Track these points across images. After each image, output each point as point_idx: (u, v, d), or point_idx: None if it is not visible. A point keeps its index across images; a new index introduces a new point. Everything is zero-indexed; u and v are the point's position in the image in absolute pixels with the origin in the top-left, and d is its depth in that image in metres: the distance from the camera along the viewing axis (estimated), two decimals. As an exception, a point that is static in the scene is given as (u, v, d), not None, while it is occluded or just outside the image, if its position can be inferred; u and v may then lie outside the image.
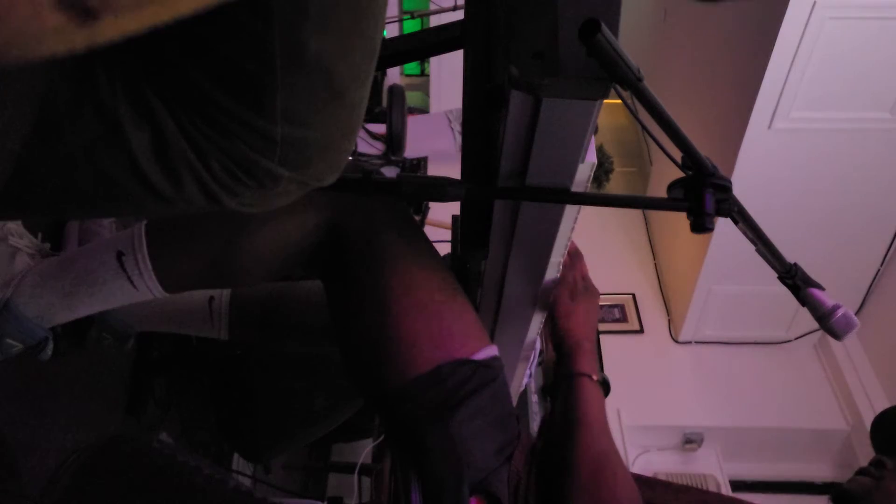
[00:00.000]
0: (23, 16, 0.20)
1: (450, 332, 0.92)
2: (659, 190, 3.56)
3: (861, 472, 1.05)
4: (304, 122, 0.56)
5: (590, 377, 0.99)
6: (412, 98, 3.83)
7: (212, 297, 1.25)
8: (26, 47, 0.21)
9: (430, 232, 1.04)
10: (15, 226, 1.08)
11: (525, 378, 1.44)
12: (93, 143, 0.55)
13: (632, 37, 4.16)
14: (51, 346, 1.12)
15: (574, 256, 1.14)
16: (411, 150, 2.21)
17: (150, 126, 0.55)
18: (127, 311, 1.23)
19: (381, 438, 1.91)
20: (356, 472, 1.88)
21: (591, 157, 0.78)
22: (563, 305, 1.07)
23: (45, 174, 0.58)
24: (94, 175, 0.57)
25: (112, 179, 0.57)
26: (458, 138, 2.52)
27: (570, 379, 0.99)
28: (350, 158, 1.15)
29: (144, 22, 0.22)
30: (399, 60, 1.16)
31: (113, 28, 0.21)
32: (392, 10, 3.37)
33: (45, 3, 0.20)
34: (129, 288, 1.00)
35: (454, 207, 0.98)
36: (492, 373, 0.94)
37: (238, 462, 1.99)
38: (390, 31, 3.26)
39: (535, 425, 1.58)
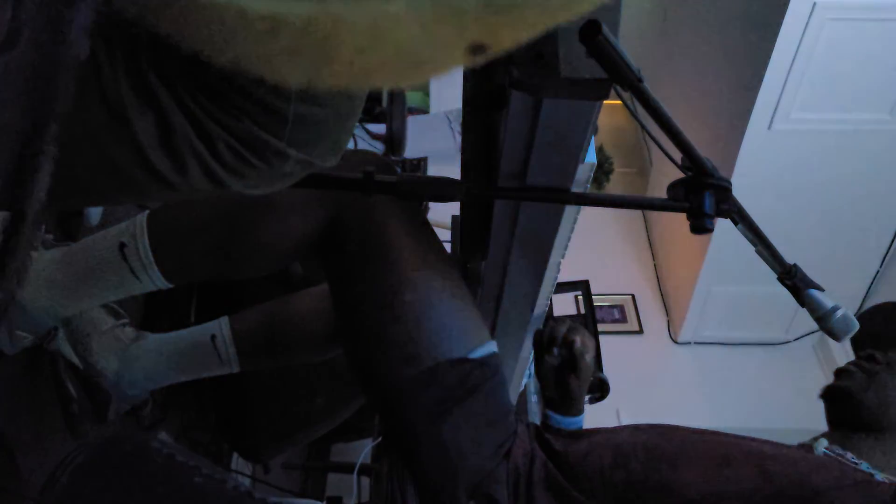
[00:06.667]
0: (437, 59, 0.25)
1: (448, 329, 0.92)
2: (659, 191, 3.56)
3: (850, 368, 1.01)
4: (316, 100, 0.57)
5: None
6: (412, 98, 3.83)
7: (213, 336, 1.25)
8: (423, 77, 0.26)
9: (430, 232, 1.04)
10: None
11: (524, 378, 1.44)
12: (97, 131, 0.56)
13: (632, 37, 4.15)
14: (60, 335, 1.13)
15: None
16: (411, 150, 2.21)
17: (154, 112, 0.55)
18: (141, 376, 1.25)
19: (380, 438, 1.91)
20: (355, 471, 1.88)
21: (591, 158, 0.78)
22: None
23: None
24: (98, 163, 0.58)
25: (117, 167, 0.57)
26: (458, 138, 2.51)
27: None
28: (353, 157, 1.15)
29: (510, 47, 0.26)
30: (399, 60, 1.16)
31: (486, 58, 0.26)
32: (392, 10, 3.36)
33: (457, 47, 0.24)
34: (131, 279, 1.00)
35: (454, 207, 0.98)
36: (489, 370, 0.93)
37: (237, 462, 1.99)
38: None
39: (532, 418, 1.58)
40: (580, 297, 1.71)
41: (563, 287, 1.68)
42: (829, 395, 1.02)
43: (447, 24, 0.23)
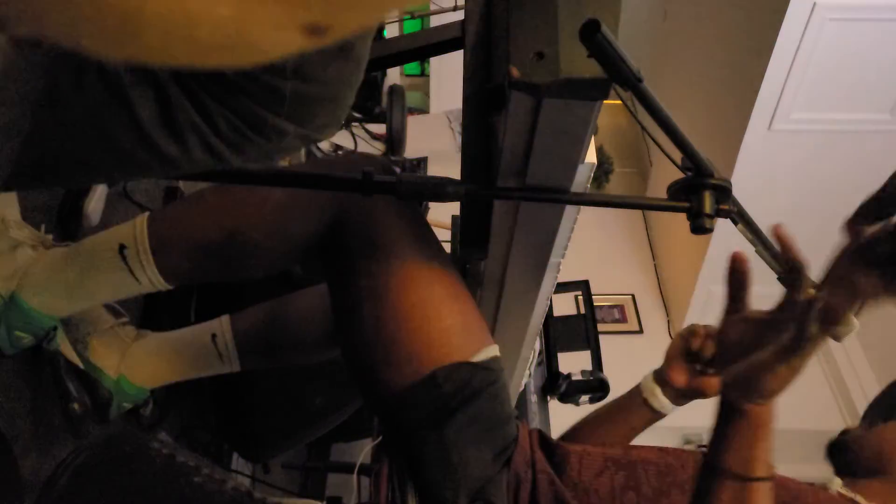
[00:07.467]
0: (270, 40, 0.24)
1: (449, 332, 0.91)
2: (659, 191, 3.56)
3: (850, 427, 1.08)
4: (313, 76, 0.58)
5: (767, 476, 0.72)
6: (412, 98, 3.83)
7: (214, 335, 1.25)
8: (259, 59, 0.25)
9: (430, 232, 1.04)
10: (15, 218, 1.09)
11: (524, 378, 1.44)
12: (99, 110, 0.56)
13: (632, 37, 4.16)
14: (60, 334, 1.13)
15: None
16: (411, 150, 2.21)
17: (154, 90, 0.55)
18: (142, 375, 1.25)
19: (380, 438, 1.91)
20: (355, 471, 1.88)
21: (591, 158, 0.78)
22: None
23: (55, 144, 0.59)
24: (101, 142, 0.58)
25: (119, 145, 0.58)
26: (458, 138, 2.52)
27: (736, 483, 0.72)
28: (355, 156, 1.15)
29: (356, 29, 0.25)
30: (399, 60, 1.16)
31: (328, 40, 0.25)
32: (392, 10, 3.36)
33: (290, 28, 0.23)
34: (131, 281, 1.00)
35: (454, 207, 0.98)
36: (491, 375, 0.93)
37: (237, 462, 1.99)
38: (390, 32, 3.26)
39: (533, 425, 1.58)
40: (580, 297, 1.71)
41: (563, 287, 1.68)
42: (830, 449, 1.06)
43: (270, 2, 0.22)
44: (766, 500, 0.72)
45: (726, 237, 2.88)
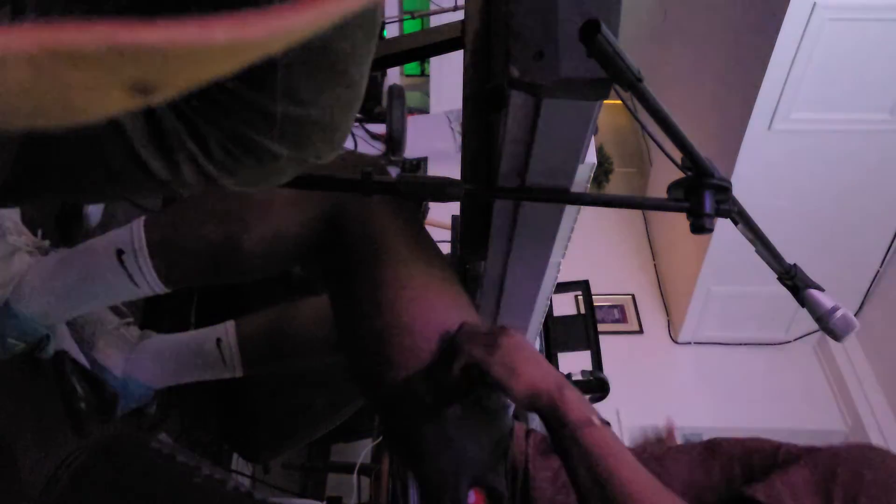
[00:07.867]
0: (89, 101, 0.24)
1: (445, 326, 0.92)
2: (659, 190, 3.56)
3: None
4: (305, 100, 0.56)
5: (592, 423, 0.78)
6: (412, 98, 3.83)
7: (219, 339, 1.25)
8: (82, 119, 0.25)
9: (430, 232, 1.04)
10: (13, 224, 1.08)
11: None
12: (89, 129, 0.55)
13: (632, 37, 4.16)
14: (53, 343, 1.13)
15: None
16: (411, 150, 2.21)
17: (144, 110, 0.55)
18: (146, 375, 1.25)
19: (380, 438, 1.91)
20: (355, 472, 1.88)
21: (591, 158, 0.78)
22: (499, 366, 0.81)
23: (46, 162, 0.58)
24: (91, 161, 0.57)
25: (109, 164, 0.57)
26: (458, 138, 2.51)
27: (572, 437, 0.77)
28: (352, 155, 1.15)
29: (186, 87, 0.25)
30: (399, 60, 1.17)
31: (161, 98, 0.25)
32: (392, 10, 3.37)
33: (111, 88, 0.23)
34: (129, 285, 1.00)
35: (454, 207, 0.98)
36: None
37: (237, 462, 1.99)
38: (390, 32, 3.26)
39: (533, 424, 1.58)
40: (580, 297, 1.71)
41: (563, 287, 1.68)
42: None
43: (82, 65, 0.21)
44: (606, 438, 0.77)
45: (726, 237, 2.88)
